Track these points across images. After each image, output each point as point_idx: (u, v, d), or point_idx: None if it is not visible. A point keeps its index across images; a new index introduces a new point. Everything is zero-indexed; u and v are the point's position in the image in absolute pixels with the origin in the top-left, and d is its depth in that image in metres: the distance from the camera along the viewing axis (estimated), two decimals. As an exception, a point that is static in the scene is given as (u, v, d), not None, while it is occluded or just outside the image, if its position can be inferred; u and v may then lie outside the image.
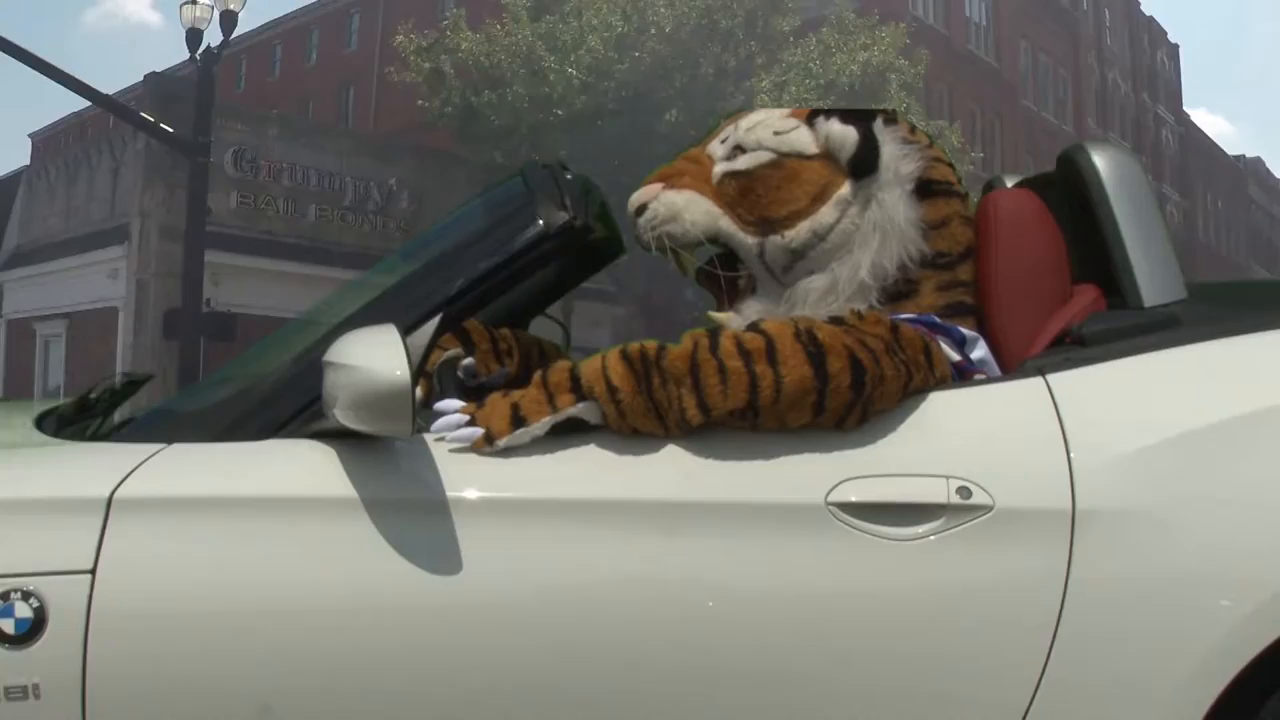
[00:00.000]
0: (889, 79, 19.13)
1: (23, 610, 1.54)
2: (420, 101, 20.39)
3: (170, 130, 14.03)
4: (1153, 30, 39.93)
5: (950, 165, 1.98)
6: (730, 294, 1.99)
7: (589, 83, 18.15)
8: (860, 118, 1.90)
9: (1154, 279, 1.85)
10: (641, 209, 1.94)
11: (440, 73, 19.61)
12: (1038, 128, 30.30)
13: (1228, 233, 44.37)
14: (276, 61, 34.93)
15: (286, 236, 18.51)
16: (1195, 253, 38.44)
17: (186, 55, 14.41)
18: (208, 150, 14.28)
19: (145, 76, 19.13)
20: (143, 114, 14.67)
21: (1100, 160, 1.92)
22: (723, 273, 1.98)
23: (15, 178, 23.06)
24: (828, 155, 1.90)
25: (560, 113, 18.15)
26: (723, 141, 1.99)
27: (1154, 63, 39.85)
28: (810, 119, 1.94)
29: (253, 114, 20.67)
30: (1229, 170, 44.98)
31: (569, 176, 2.03)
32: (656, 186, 1.95)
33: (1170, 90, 41.03)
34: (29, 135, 32.40)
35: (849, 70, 18.58)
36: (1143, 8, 39.50)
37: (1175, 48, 42.08)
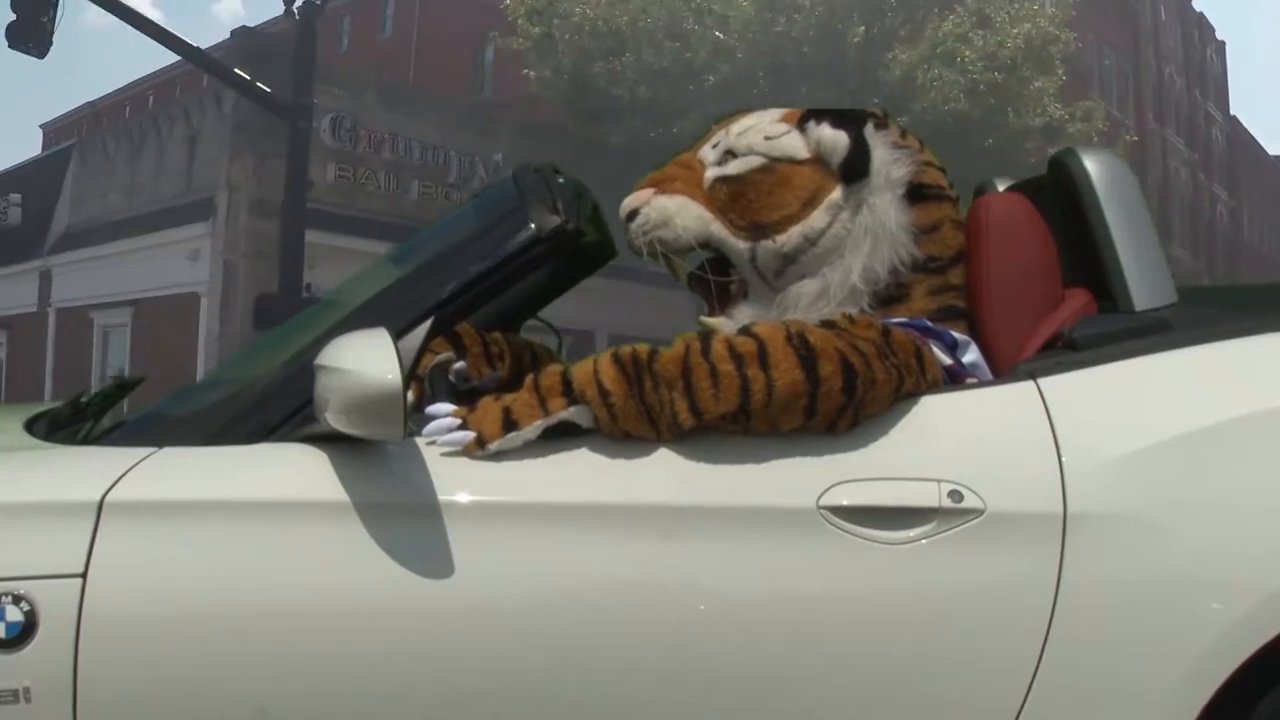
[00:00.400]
0: (1050, 52, 17.77)
1: (13, 614, 1.54)
2: (526, 70, 18.78)
3: (268, 90, 12.50)
4: (1203, 27, 39.49)
5: (941, 169, 1.99)
6: (722, 299, 1.99)
7: (732, 48, 16.43)
8: (851, 122, 1.91)
9: (1145, 283, 1.85)
10: (633, 214, 1.94)
11: (551, 38, 17.79)
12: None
13: (1273, 233, 44.12)
14: (388, 19, 31.29)
15: (387, 216, 16.36)
16: (1241, 252, 38.10)
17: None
18: (310, 113, 12.76)
19: (233, 32, 17.67)
20: (238, 71, 12.87)
21: (1091, 164, 1.93)
22: (714, 278, 1.98)
23: (63, 154, 21.84)
24: (819, 160, 1.90)
25: (690, 86, 16.27)
26: (714, 146, 1.99)
27: (1204, 59, 39.47)
28: (801, 123, 1.94)
29: (350, 77, 18.75)
30: (1272, 170, 44.77)
31: (561, 180, 2.03)
32: (648, 191, 1.95)
33: (1218, 87, 40.70)
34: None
35: (1008, 44, 17.22)
36: (1192, 4, 39.08)
37: (1222, 45, 41.69)
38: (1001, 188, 2.23)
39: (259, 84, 12.43)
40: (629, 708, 1.63)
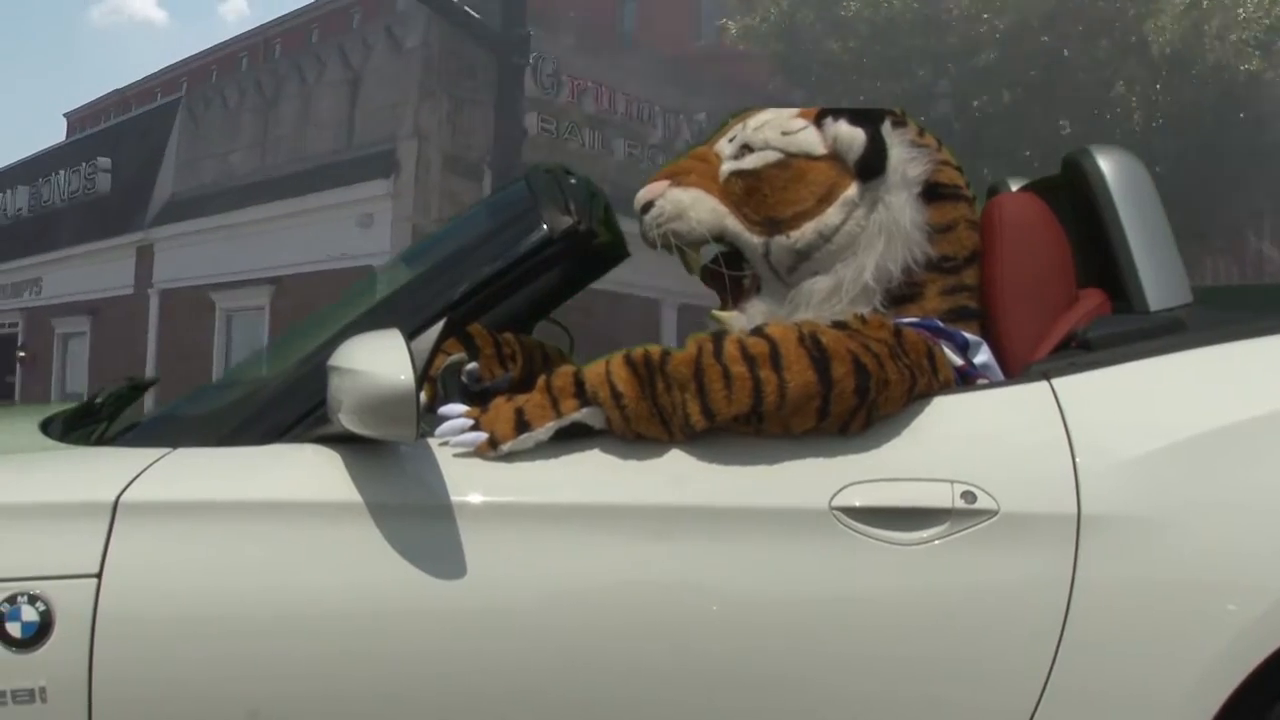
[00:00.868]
0: None
1: (29, 614, 1.55)
2: (724, 21, 16.26)
3: (477, 17, 10.36)
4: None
5: (958, 169, 1.98)
6: (735, 293, 1.98)
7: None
8: (869, 119, 1.90)
9: (1159, 283, 1.84)
10: (647, 206, 1.94)
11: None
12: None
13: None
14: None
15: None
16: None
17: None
18: (526, 46, 10.52)
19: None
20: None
21: (1106, 164, 1.92)
22: (728, 271, 1.98)
23: (164, 111, 18.89)
24: (835, 156, 1.89)
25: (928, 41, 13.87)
26: (730, 140, 1.99)
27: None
28: (818, 119, 1.93)
29: (546, 11, 15.13)
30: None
31: (573, 180, 2.03)
32: (663, 184, 1.95)
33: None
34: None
35: None
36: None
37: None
38: (1015, 187, 2.22)
39: (468, 9, 10.20)
40: (641, 708, 1.63)
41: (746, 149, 1.95)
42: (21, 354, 21.33)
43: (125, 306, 18.20)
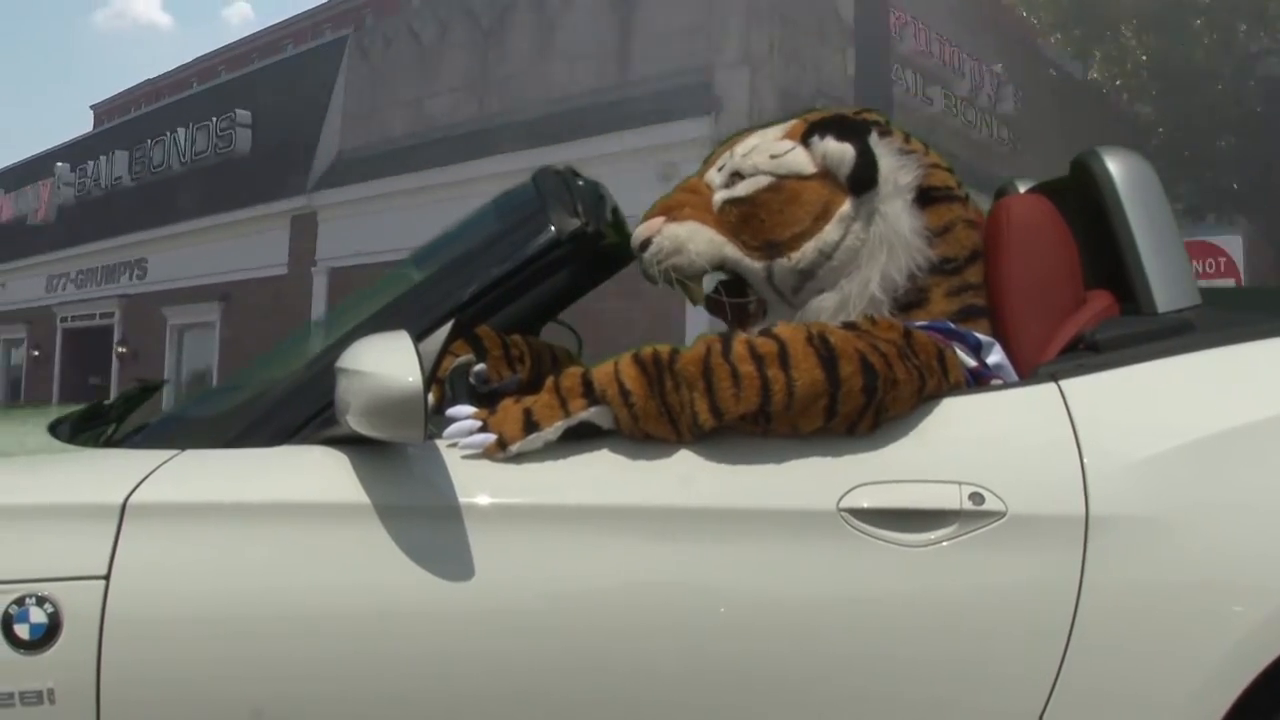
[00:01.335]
0: None
1: (37, 615, 1.55)
2: None
3: None
4: None
5: (949, 170, 1.99)
6: (741, 320, 1.99)
7: None
8: (855, 132, 1.90)
9: (1168, 284, 1.84)
10: (645, 244, 1.94)
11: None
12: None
13: None
14: None
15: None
16: None
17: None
18: None
19: None
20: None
21: (1114, 165, 1.92)
22: (730, 300, 1.98)
23: (324, 52, 16.04)
24: (826, 173, 1.90)
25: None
26: (719, 169, 1.99)
27: None
28: (805, 138, 1.94)
29: None
30: None
31: (581, 182, 2.03)
32: (659, 220, 1.95)
33: None
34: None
35: None
36: None
37: None
38: (1023, 189, 2.22)
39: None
40: (648, 710, 1.63)
41: (737, 176, 1.95)
42: (121, 349, 18.69)
43: (273, 289, 15.35)
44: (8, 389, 23.08)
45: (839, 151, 1.88)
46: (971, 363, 1.81)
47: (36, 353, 21.71)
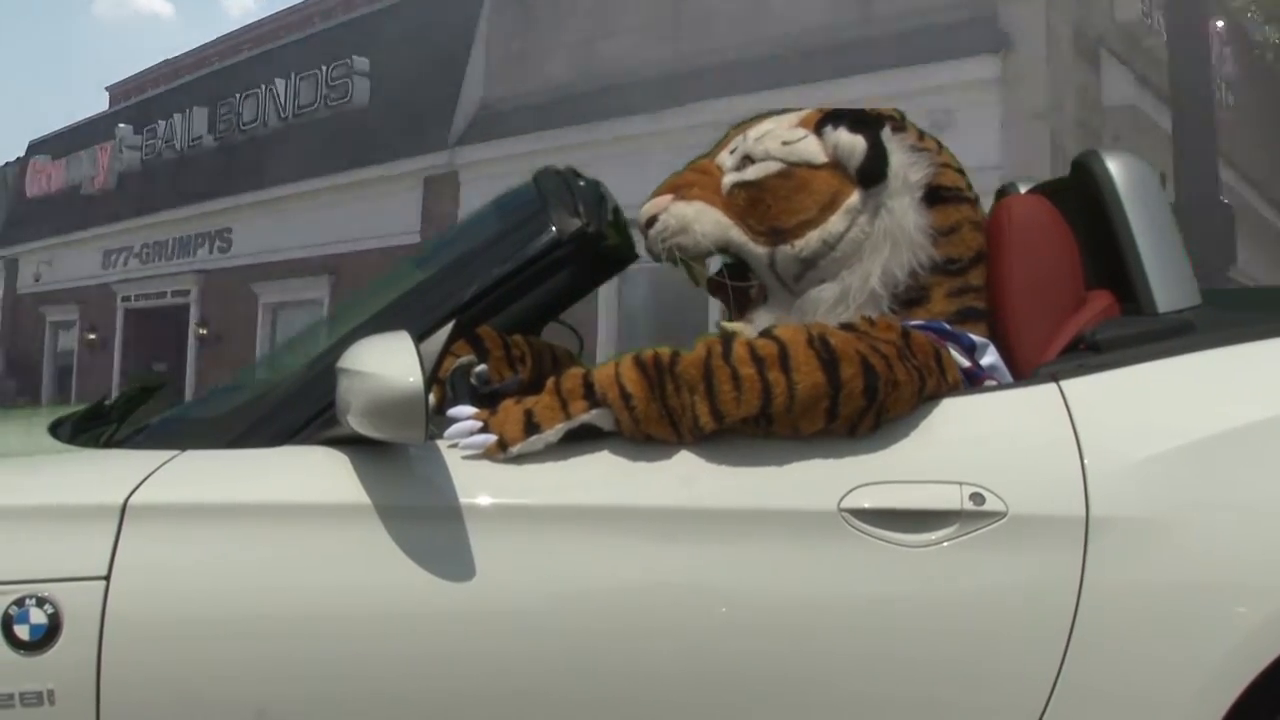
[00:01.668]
0: None
1: (37, 616, 1.55)
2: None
3: None
4: None
5: (959, 171, 1.98)
6: (741, 304, 1.99)
7: None
8: (868, 125, 1.90)
9: (1168, 285, 1.84)
10: (651, 221, 1.94)
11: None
12: None
13: None
14: None
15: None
16: None
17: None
18: None
19: None
20: None
21: (1114, 166, 1.92)
22: (733, 283, 1.98)
23: None
24: (836, 164, 1.90)
25: None
26: (731, 152, 1.99)
27: None
28: (818, 127, 1.93)
29: None
30: None
31: (582, 182, 2.03)
32: (666, 198, 1.95)
33: None
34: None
35: None
36: None
37: None
38: (1024, 189, 2.22)
39: None
40: (649, 710, 1.63)
41: (748, 160, 1.95)
42: (202, 330, 16.60)
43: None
44: (56, 378, 21.13)
45: (850, 143, 1.88)
46: (965, 363, 1.81)
47: (92, 336, 19.55)
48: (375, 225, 13.59)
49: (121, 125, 19.23)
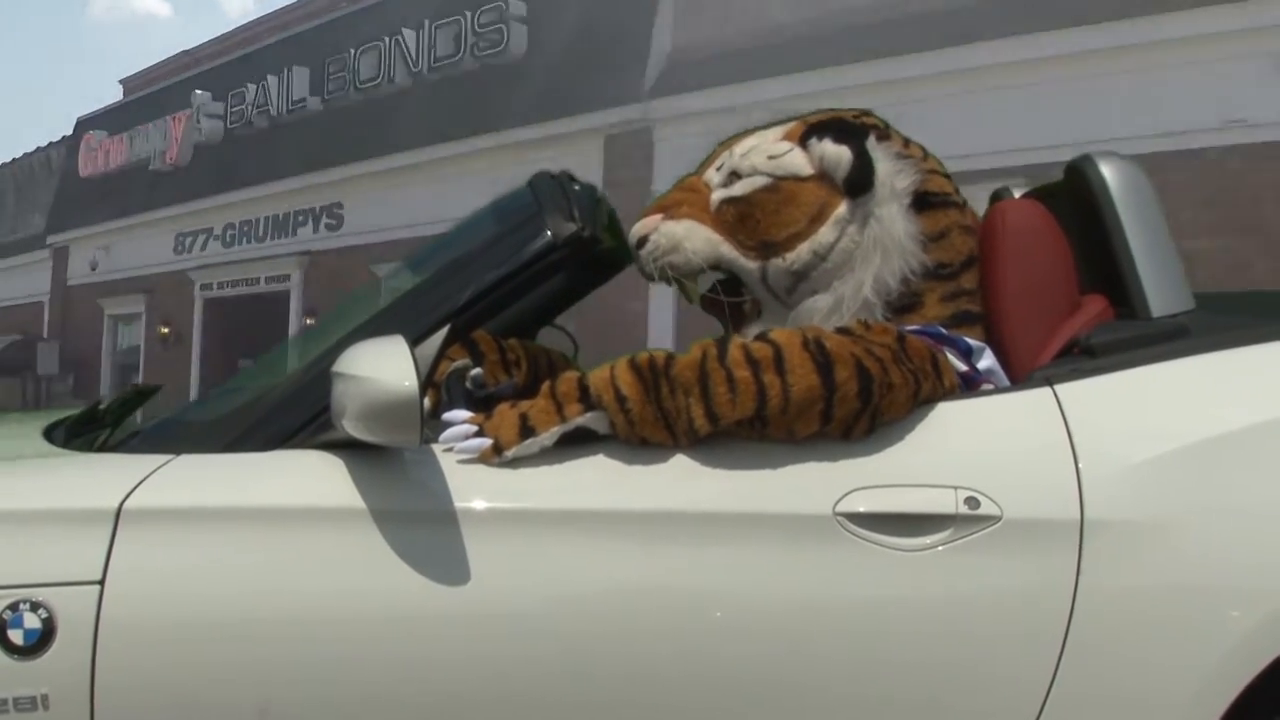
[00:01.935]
0: None
1: (31, 621, 1.55)
2: None
3: None
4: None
5: (946, 176, 1.99)
6: (736, 319, 2.00)
7: None
8: (853, 135, 1.90)
9: (1162, 289, 1.85)
10: (642, 241, 1.95)
11: None
12: None
13: None
14: None
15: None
16: None
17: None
18: None
19: None
20: None
21: (1108, 171, 1.93)
22: (727, 299, 1.99)
23: None
24: (823, 175, 1.90)
25: None
26: (718, 169, 2.00)
27: None
28: (803, 140, 1.94)
29: None
30: None
31: (577, 187, 2.03)
32: (656, 218, 1.96)
33: None
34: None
35: None
36: None
37: None
38: (1018, 194, 2.22)
39: None
40: (644, 713, 1.63)
41: (735, 176, 1.96)
42: (310, 321, 14.39)
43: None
44: (117, 377, 19.11)
45: (836, 154, 1.88)
46: (962, 367, 1.81)
47: (165, 330, 17.63)
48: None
49: (198, 92, 17.08)
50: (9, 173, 23.37)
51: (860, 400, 1.64)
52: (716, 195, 1.96)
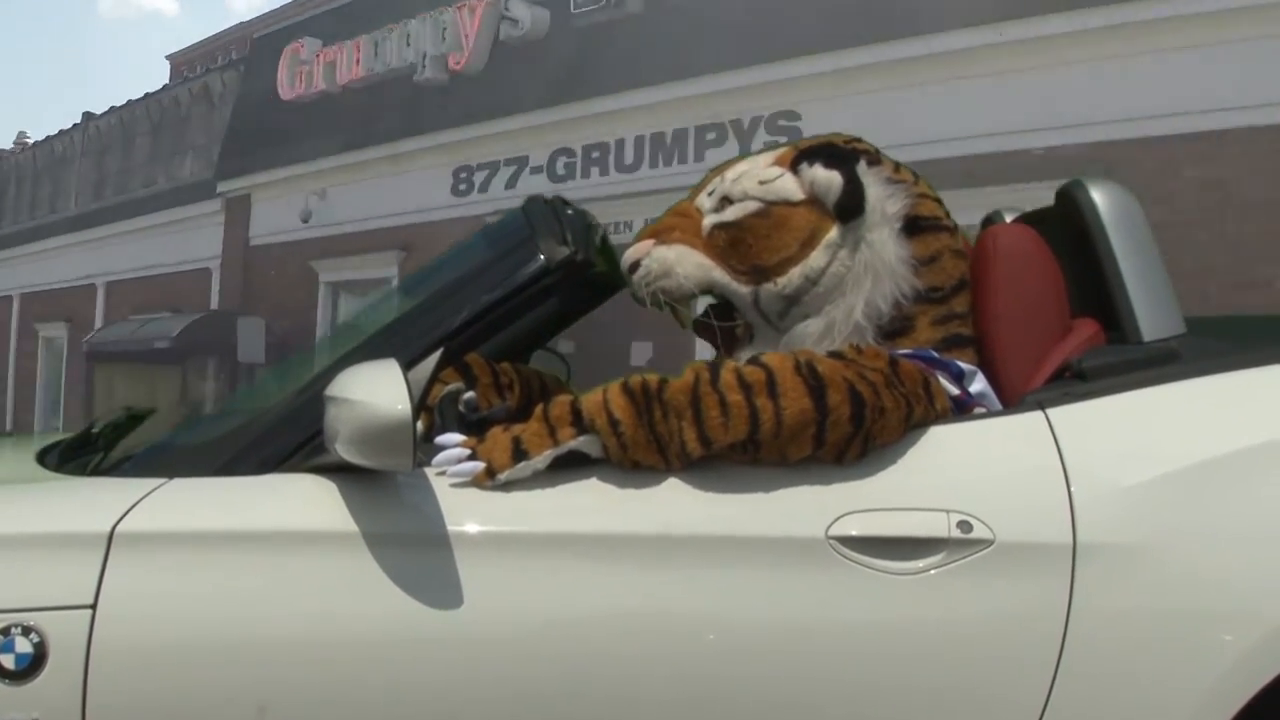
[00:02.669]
0: None
1: (23, 645, 1.54)
2: None
3: None
4: None
5: (937, 200, 2.00)
6: (728, 343, 2.00)
7: None
8: (843, 160, 1.91)
9: (1153, 314, 1.85)
10: (634, 266, 1.96)
11: None
12: None
13: None
14: None
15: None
16: None
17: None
18: None
19: None
20: None
21: (1099, 196, 1.94)
22: (719, 323, 1.99)
23: None
24: (814, 200, 1.91)
25: None
26: (710, 194, 2.01)
27: None
28: (794, 165, 1.95)
29: None
30: None
31: (570, 211, 2.04)
32: (648, 243, 1.97)
33: None
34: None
35: None
36: None
37: None
38: (1009, 219, 2.23)
39: None
40: None
41: (727, 201, 1.96)
42: None
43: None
44: None
45: (827, 179, 1.89)
46: (954, 391, 1.82)
47: None
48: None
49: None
50: (127, 115, 18.52)
51: (853, 424, 1.64)
52: (708, 220, 1.97)
